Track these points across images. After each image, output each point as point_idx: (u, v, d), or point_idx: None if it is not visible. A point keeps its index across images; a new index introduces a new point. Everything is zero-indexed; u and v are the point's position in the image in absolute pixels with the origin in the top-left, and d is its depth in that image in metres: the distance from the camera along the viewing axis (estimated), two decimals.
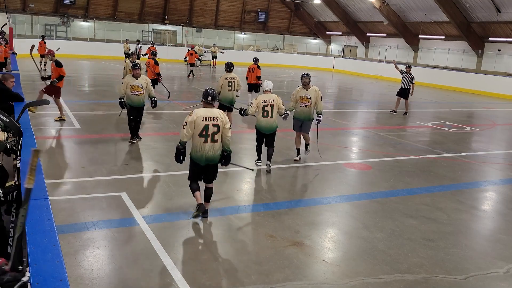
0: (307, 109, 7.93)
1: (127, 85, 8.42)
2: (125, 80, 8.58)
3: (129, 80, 8.42)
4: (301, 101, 7.91)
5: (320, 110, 7.91)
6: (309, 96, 7.85)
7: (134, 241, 4.89)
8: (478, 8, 25.11)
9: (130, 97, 8.42)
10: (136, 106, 8.50)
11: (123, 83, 8.59)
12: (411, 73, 14.76)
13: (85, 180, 6.60)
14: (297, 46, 38.55)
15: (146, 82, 8.53)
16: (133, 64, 8.86)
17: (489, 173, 8.73)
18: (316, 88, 7.89)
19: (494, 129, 14.15)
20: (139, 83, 8.38)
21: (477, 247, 5.28)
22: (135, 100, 8.45)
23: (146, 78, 8.66)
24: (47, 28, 32.12)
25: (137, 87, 8.38)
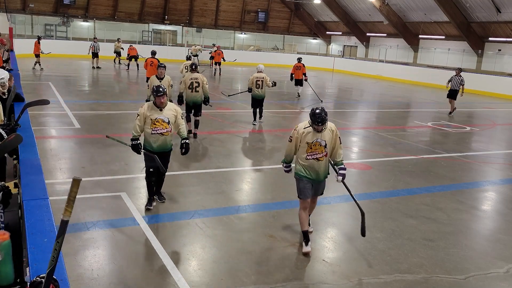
0: (321, 162, 4.95)
1: (145, 118, 5.52)
2: (141, 112, 5.56)
3: (149, 112, 5.50)
4: (310, 151, 4.91)
5: (340, 160, 5.10)
6: (323, 142, 4.89)
7: (134, 241, 4.90)
8: (478, 8, 25.10)
9: (149, 137, 5.54)
10: (159, 150, 5.57)
11: (138, 116, 5.61)
12: (460, 75, 15.37)
13: (85, 180, 6.60)
14: (297, 46, 38.52)
15: (175, 113, 5.61)
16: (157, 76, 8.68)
17: (489, 173, 8.73)
18: (332, 127, 4.98)
19: (494, 129, 14.14)
20: (164, 117, 5.49)
21: (477, 247, 5.29)
22: (157, 141, 5.53)
23: (175, 107, 5.71)
24: (47, 28, 32.12)
25: (161, 122, 5.47)
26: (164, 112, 5.54)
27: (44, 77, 18.44)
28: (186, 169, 7.58)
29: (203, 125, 11.15)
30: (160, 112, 5.51)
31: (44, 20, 31.70)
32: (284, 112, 14.25)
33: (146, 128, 5.56)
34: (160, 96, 5.45)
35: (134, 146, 5.68)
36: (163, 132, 5.52)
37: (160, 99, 5.46)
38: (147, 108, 5.55)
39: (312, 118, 4.84)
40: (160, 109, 5.53)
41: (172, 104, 5.72)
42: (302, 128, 5.02)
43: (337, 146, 5.04)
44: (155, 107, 5.52)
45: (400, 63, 31.19)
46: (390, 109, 16.39)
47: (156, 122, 5.47)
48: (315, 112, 4.82)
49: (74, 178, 1.68)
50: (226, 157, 8.35)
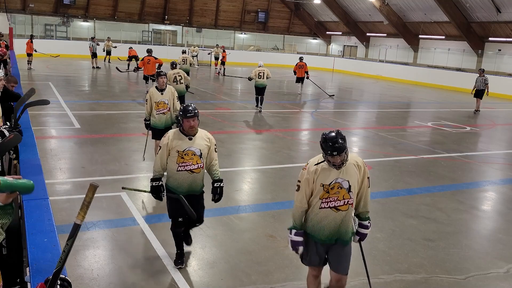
0: (342, 214, 3.42)
1: (170, 150, 4.16)
2: (165, 143, 4.17)
3: (175, 142, 4.14)
4: (325, 196, 3.32)
5: (366, 213, 3.74)
6: (346, 183, 3.36)
7: (134, 241, 4.90)
8: (478, 8, 25.10)
9: (175, 175, 4.20)
10: (187, 193, 4.26)
11: (160, 149, 4.25)
12: (484, 75, 16.67)
13: (85, 180, 6.60)
14: (297, 46, 38.51)
15: (209, 143, 4.25)
16: None
17: (489, 173, 8.73)
18: (357, 161, 3.46)
19: (494, 129, 14.14)
20: (196, 148, 4.15)
21: (477, 247, 5.28)
22: (186, 181, 4.21)
23: (208, 135, 4.31)
24: (47, 28, 32.12)
25: (191, 156, 4.13)
26: (196, 142, 4.13)
27: (44, 77, 18.44)
28: None
29: (203, 125, 11.13)
30: (190, 142, 4.09)
31: (44, 20, 31.69)
32: (284, 112, 14.26)
33: (170, 164, 4.17)
34: (190, 117, 4.02)
35: (154, 188, 4.27)
36: (194, 169, 4.14)
37: (190, 121, 4.03)
38: (172, 137, 4.13)
39: (324, 146, 3.16)
40: (190, 137, 4.11)
41: (204, 131, 4.28)
42: (314, 164, 3.31)
43: (364, 190, 3.56)
44: (183, 135, 4.12)
45: (400, 63, 31.19)
46: (390, 109, 16.39)
47: (185, 155, 4.08)
48: (328, 136, 3.16)
49: (92, 183, 1.70)
50: (226, 157, 8.35)
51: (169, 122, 7.01)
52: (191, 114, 4.04)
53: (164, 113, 6.93)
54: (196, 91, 17.84)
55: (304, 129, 12.33)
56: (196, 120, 4.09)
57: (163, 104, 6.91)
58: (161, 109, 6.90)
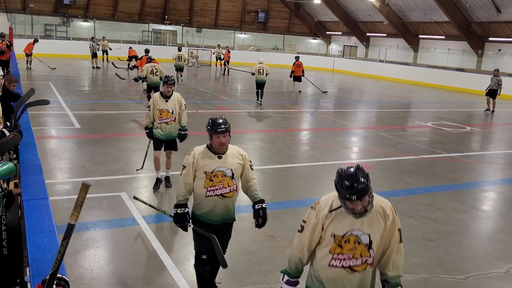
0: (355, 276, 2.69)
1: (197, 170, 3.56)
2: (190, 162, 3.55)
3: (203, 161, 3.56)
4: (338, 252, 2.53)
5: (396, 277, 2.92)
6: (366, 238, 2.58)
7: (134, 241, 4.90)
8: (478, 8, 25.10)
9: (204, 201, 3.55)
10: (221, 221, 3.64)
11: (184, 169, 3.58)
12: (498, 76, 16.97)
13: (85, 180, 6.59)
14: (297, 46, 38.50)
15: (242, 161, 3.67)
16: None
17: (489, 173, 8.73)
18: (384, 208, 2.73)
19: (494, 129, 14.15)
20: (226, 168, 3.53)
21: (477, 247, 5.28)
22: (218, 207, 3.57)
23: (240, 151, 3.76)
24: (47, 28, 32.12)
25: (221, 176, 3.51)
26: (227, 161, 3.50)
27: (44, 77, 18.44)
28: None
29: (203, 125, 11.12)
30: (220, 161, 3.45)
31: (44, 20, 31.69)
32: (284, 112, 14.26)
33: (197, 188, 3.49)
34: (220, 132, 3.44)
35: (179, 216, 3.56)
36: (225, 193, 3.47)
37: (220, 138, 3.44)
38: (198, 155, 3.49)
39: (340, 187, 2.39)
40: (220, 155, 3.48)
41: (236, 147, 3.69)
42: (327, 207, 2.52)
43: (393, 248, 2.79)
44: (211, 153, 3.49)
45: (400, 63, 31.19)
46: (390, 109, 16.39)
47: (214, 177, 3.42)
48: (345, 174, 2.41)
49: (84, 183, 1.69)
50: None
51: (172, 133, 6.33)
52: (222, 129, 3.44)
53: (167, 123, 6.24)
54: (196, 91, 17.86)
55: (304, 129, 12.33)
56: (228, 136, 3.49)
57: (166, 112, 6.22)
58: (164, 118, 6.21)
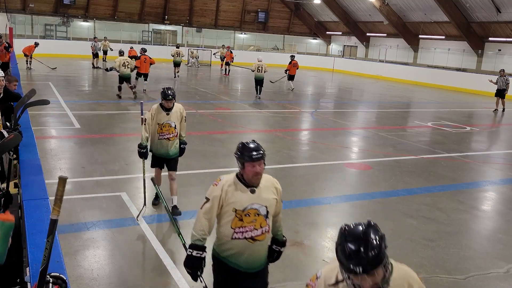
0: None
1: (223, 206, 2.87)
2: (217, 195, 2.88)
3: (233, 196, 2.85)
4: None
5: None
6: None
7: (134, 241, 4.89)
8: (478, 8, 25.10)
9: (230, 243, 2.93)
10: (249, 268, 2.98)
11: (207, 203, 2.92)
12: (505, 75, 17.29)
13: (85, 180, 6.60)
14: (297, 46, 38.50)
15: (275, 196, 2.98)
16: None
17: (489, 173, 8.73)
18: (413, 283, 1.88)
19: (494, 129, 14.15)
20: (260, 205, 2.86)
21: (477, 247, 5.28)
22: (247, 251, 2.91)
23: (275, 184, 3.03)
24: (47, 28, 32.11)
25: (254, 215, 2.84)
26: (261, 196, 2.84)
27: (44, 77, 18.44)
28: (186, 169, 7.57)
29: (203, 125, 11.15)
30: (253, 196, 2.80)
31: (44, 20, 31.69)
32: (284, 112, 14.26)
33: (222, 227, 2.87)
34: (256, 159, 2.74)
35: (192, 260, 3.00)
36: (256, 236, 2.84)
37: (255, 166, 2.75)
38: (229, 187, 2.82)
39: (342, 253, 1.75)
40: (253, 189, 2.81)
41: (268, 176, 2.95)
42: (328, 279, 1.96)
43: None
44: (242, 185, 2.81)
45: (400, 63, 31.18)
46: (390, 109, 16.39)
47: (246, 216, 2.78)
48: (351, 233, 1.78)
49: (60, 177, 1.68)
50: (226, 157, 8.34)
51: (174, 150, 5.60)
52: (257, 155, 2.75)
53: (169, 139, 5.48)
54: (196, 91, 17.87)
55: (304, 129, 12.33)
56: (263, 164, 2.79)
57: (168, 127, 5.44)
58: (165, 133, 5.47)
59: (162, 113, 5.45)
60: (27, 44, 21.39)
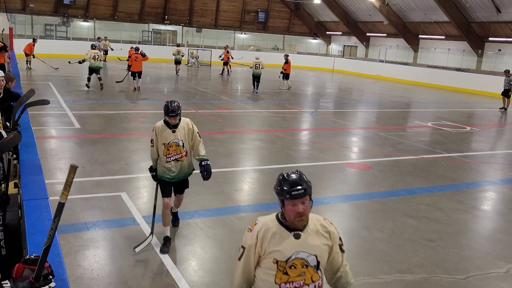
0: None
1: (264, 254, 2.29)
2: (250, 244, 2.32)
3: (270, 245, 2.28)
4: None
5: None
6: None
7: (134, 241, 4.89)
8: (478, 8, 25.10)
9: None
10: None
11: (243, 252, 2.36)
12: (509, 76, 17.62)
13: (85, 180, 6.60)
14: (297, 46, 38.52)
15: (329, 243, 2.41)
16: None
17: (489, 173, 8.73)
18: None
19: (494, 129, 14.15)
20: (308, 254, 2.29)
21: (477, 247, 5.28)
22: None
23: (334, 232, 2.43)
24: (47, 28, 32.12)
25: (301, 269, 2.28)
26: (308, 242, 2.28)
27: (44, 77, 18.44)
28: None
29: (203, 125, 11.15)
30: (298, 243, 2.25)
31: (44, 20, 31.70)
32: (284, 112, 14.26)
33: (263, 280, 2.31)
34: (297, 197, 2.19)
35: None
36: None
37: (297, 205, 2.20)
38: (266, 232, 2.28)
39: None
40: (297, 233, 2.27)
41: (316, 217, 2.37)
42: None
43: None
44: (285, 229, 2.27)
45: (400, 63, 31.18)
46: (390, 109, 16.39)
47: (291, 268, 2.25)
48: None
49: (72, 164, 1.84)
50: (226, 157, 8.35)
51: (185, 172, 4.81)
52: (299, 191, 2.19)
53: (177, 160, 4.68)
54: (196, 91, 17.87)
55: (304, 129, 12.33)
56: (309, 201, 2.24)
57: (175, 146, 4.66)
58: (172, 154, 4.65)
59: (167, 131, 4.64)
60: (27, 44, 21.38)
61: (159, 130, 4.68)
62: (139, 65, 16.23)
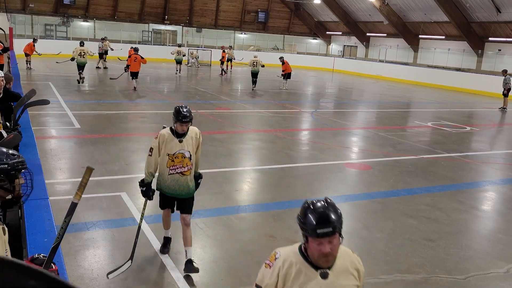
0: None
1: None
2: None
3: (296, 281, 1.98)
4: None
5: None
6: None
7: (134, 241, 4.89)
8: (478, 8, 25.10)
9: None
10: None
11: None
12: (506, 75, 18.19)
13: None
14: (297, 46, 38.51)
15: None
16: None
17: (489, 173, 8.73)
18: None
19: (494, 129, 14.15)
20: None
21: (477, 247, 5.28)
22: None
23: None
24: (47, 28, 32.11)
25: None
26: (338, 278, 2.00)
27: (44, 77, 18.44)
28: None
29: (203, 125, 11.16)
30: (324, 282, 1.96)
31: (44, 20, 31.70)
32: (284, 112, 14.26)
33: None
34: (323, 235, 1.88)
35: None
36: None
37: (323, 244, 1.89)
38: (290, 268, 2.00)
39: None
40: (324, 271, 1.98)
41: (348, 252, 2.14)
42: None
43: None
44: (309, 265, 1.98)
45: (400, 63, 31.18)
46: (390, 109, 16.39)
47: None
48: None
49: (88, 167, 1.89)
50: (226, 157, 8.35)
51: (189, 188, 4.28)
52: (326, 228, 1.88)
53: (183, 173, 4.18)
54: (196, 91, 17.87)
55: (304, 129, 12.34)
56: (337, 238, 1.93)
57: (181, 158, 4.14)
58: (177, 166, 4.15)
59: (174, 141, 4.12)
60: (27, 44, 21.38)
61: (164, 139, 4.10)
62: (137, 65, 16.43)
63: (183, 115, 3.98)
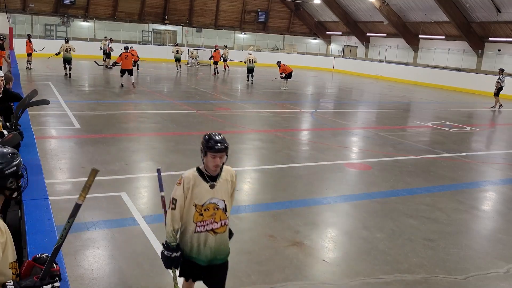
0: None
1: None
2: None
3: None
4: None
5: None
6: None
7: (134, 241, 4.89)
8: (478, 8, 25.11)
9: None
10: None
11: None
12: (502, 74, 18.22)
13: (85, 180, 6.58)
14: (297, 46, 38.52)
15: None
16: None
17: (489, 173, 8.73)
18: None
19: (494, 129, 14.15)
20: None
21: (477, 247, 5.28)
22: None
23: None
24: (47, 28, 32.12)
25: None
26: None
27: (44, 77, 18.45)
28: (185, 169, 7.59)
29: (203, 125, 11.16)
30: None
31: (44, 20, 31.70)
32: (284, 112, 14.26)
33: None
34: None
35: None
36: None
37: None
38: None
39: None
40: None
41: None
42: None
43: None
44: None
45: (400, 63, 31.19)
46: (390, 109, 16.39)
47: None
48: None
49: (93, 168, 1.89)
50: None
51: (223, 251, 3.20)
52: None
53: (215, 232, 3.07)
54: (196, 91, 17.87)
55: (304, 129, 12.33)
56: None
57: (213, 210, 3.03)
58: (207, 221, 3.02)
59: (203, 186, 2.98)
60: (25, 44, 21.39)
61: (191, 184, 2.95)
62: (129, 63, 16.84)
63: (215, 140, 2.88)
